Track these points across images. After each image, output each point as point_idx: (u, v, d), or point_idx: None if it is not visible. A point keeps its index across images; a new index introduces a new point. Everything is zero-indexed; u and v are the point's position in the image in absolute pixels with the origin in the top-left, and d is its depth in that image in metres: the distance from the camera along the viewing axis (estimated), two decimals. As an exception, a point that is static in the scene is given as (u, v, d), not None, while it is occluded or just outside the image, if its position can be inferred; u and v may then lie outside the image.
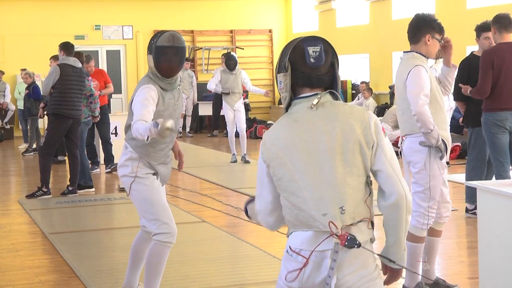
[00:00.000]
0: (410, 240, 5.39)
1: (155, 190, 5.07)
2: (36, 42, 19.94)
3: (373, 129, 2.95)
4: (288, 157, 2.94)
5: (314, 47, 3.01)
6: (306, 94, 3.01)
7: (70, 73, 10.28)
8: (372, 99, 17.67)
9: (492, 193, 4.92)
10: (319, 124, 2.95)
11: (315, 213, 2.87)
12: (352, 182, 2.90)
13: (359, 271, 2.91)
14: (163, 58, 4.94)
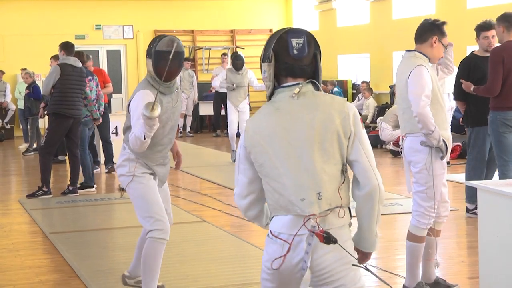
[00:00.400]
0: (411, 240, 5.40)
1: (151, 189, 5.19)
2: (36, 42, 19.94)
3: (352, 120, 3.07)
4: (270, 144, 3.07)
5: (298, 39, 3.11)
6: (289, 83, 3.13)
7: (70, 73, 10.27)
8: (372, 99, 17.66)
9: (493, 193, 4.92)
10: (300, 113, 3.07)
11: (294, 198, 3.02)
12: (329, 169, 3.04)
13: (334, 252, 3.04)
14: (162, 62, 4.99)
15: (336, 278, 3.06)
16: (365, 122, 17.25)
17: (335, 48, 19.75)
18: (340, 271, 3.06)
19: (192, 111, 19.72)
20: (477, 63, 8.01)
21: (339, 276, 3.06)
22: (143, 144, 4.91)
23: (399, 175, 12.08)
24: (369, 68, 18.91)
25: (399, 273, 6.15)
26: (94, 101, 10.92)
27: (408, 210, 8.91)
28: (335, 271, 3.05)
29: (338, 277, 3.06)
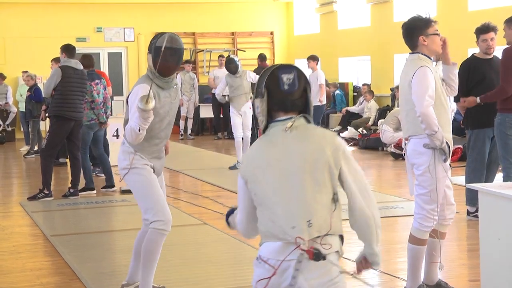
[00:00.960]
0: (413, 242, 5.39)
1: (152, 181, 5.37)
2: (37, 44, 19.95)
3: (341, 153, 3.25)
4: (263, 175, 3.23)
5: (288, 75, 3.26)
6: (281, 117, 3.28)
7: (71, 75, 10.28)
8: (373, 102, 17.66)
9: (494, 196, 4.91)
10: (292, 145, 3.23)
11: (285, 226, 3.15)
12: (320, 198, 3.18)
13: (321, 278, 3.15)
14: (161, 58, 5.18)
15: None
16: (366, 125, 17.25)
17: (336, 51, 19.75)
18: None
19: (193, 113, 19.72)
20: (477, 65, 8.01)
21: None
22: (138, 136, 5.10)
23: (400, 177, 12.08)
24: (370, 71, 18.91)
25: (400, 276, 6.15)
26: (101, 104, 10.87)
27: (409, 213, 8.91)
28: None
29: None
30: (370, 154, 15.25)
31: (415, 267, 5.42)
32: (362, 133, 16.63)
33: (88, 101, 10.68)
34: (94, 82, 10.74)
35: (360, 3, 18.95)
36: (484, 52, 8.01)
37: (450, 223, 5.54)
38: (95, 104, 10.75)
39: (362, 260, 3.38)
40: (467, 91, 8.01)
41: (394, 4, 17.71)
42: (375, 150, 15.59)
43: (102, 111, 10.85)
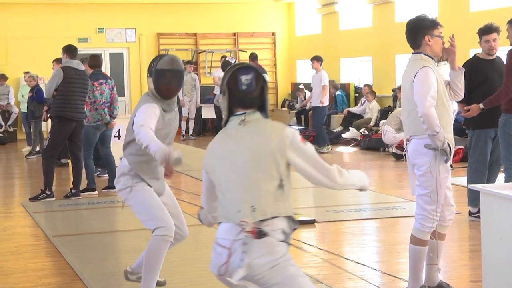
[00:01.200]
0: (414, 243, 5.39)
1: (148, 193, 5.31)
2: (39, 45, 19.97)
3: (289, 142, 3.62)
4: (219, 165, 3.69)
5: (247, 76, 3.67)
6: (238, 112, 3.70)
7: (73, 76, 10.29)
8: (375, 102, 17.66)
9: (496, 196, 4.91)
10: (243, 138, 3.65)
11: (232, 210, 3.61)
12: (265, 186, 3.59)
13: (265, 256, 3.56)
14: (162, 80, 5.17)
15: (268, 280, 3.57)
16: (368, 126, 17.25)
17: (337, 51, 19.75)
18: (269, 273, 3.56)
19: (195, 114, 19.72)
20: (479, 66, 8.01)
21: (270, 277, 3.57)
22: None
23: (402, 178, 12.08)
24: (372, 71, 18.90)
25: (402, 277, 6.15)
26: (102, 104, 10.78)
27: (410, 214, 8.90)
28: (266, 273, 3.56)
29: (270, 278, 3.57)
30: (372, 154, 15.25)
31: (416, 268, 5.42)
32: (364, 133, 16.63)
33: (91, 101, 10.65)
34: (98, 82, 10.72)
35: (362, 3, 18.95)
36: (487, 53, 8.01)
37: (449, 224, 5.54)
38: (97, 104, 10.72)
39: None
40: (469, 91, 8.00)
41: (396, 4, 17.71)
42: (376, 151, 15.59)
43: (104, 111, 10.78)
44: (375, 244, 7.82)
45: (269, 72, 22.19)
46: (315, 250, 7.30)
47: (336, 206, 9.57)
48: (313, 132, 17.65)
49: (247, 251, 3.54)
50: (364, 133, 16.71)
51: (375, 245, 7.74)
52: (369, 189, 3.49)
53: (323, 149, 15.73)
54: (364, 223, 8.65)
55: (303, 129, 18.42)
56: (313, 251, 7.29)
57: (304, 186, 11.92)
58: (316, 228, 8.35)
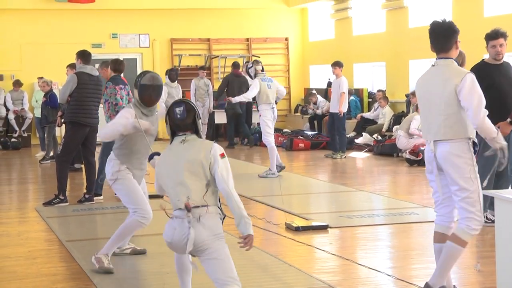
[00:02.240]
0: (455, 241, 5.38)
1: (136, 188, 6.80)
2: (53, 51, 20.04)
3: (211, 154, 4.95)
4: (164, 170, 5.08)
5: (179, 108, 5.06)
6: (179, 134, 5.10)
7: (87, 81, 10.32)
8: (388, 108, 17.62)
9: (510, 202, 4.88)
10: (182, 152, 5.02)
11: (174, 200, 4.99)
12: (195, 184, 4.93)
13: (207, 231, 4.87)
14: (144, 92, 6.66)
15: (207, 247, 4.85)
16: (381, 131, 17.21)
17: (351, 57, 19.72)
18: (209, 242, 4.85)
19: (208, 119, 19.71)
20: (486, 71, 7.97)
21: (209, 245, 4.85)
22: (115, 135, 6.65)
23: (415, 183, 12.04)
24: (385, 77, 18.86)
25: (415, 283, 6.13)
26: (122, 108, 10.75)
27: (424, 219, 8.88)
28: (205, 242, 4.84)
29: (209, 245, 4.85)
30: (385, 160, 15.21)
31: (447, 266, 5.43)
32: (377, 139, 16.59)
33: (112, 104, 10.64)
34: (118, 87, 10.73)
35: (375, 9, 18.92)
36: (493, 57, 7.98)
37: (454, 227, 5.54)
38: (119, 107, 10.69)
39: (241, 236, 4.95)
40: None
41: (409, 10, 17.66)
42: (390, 156, 15.55)
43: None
44: (389, 249, 7.80)
45: (282, 78, 22.20)
46: (328, 255, 7.29)
47: (349, 211, 9.55)
48: (327, 137, 17.64)
49: (192, 226, 4.83)
50: (377, 138, 16.67)
51: (389, 251, 7.72)
52: (247, 232, 4.94)
53: (336, 155, 15.66)
54: (377, 229, 8.63)
55: (316, 135, 18.41)
56: (327, 256, 7.27)
57: (317, 191, 11.95)
58: (330, 233, 8.33)
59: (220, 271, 4.86)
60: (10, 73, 20.18)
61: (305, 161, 15.82)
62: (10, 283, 6.56)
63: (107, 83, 10.71)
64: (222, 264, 4.86)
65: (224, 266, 4.86)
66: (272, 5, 21.86)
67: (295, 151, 17.32)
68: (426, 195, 10.56)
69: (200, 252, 4.90)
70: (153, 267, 6.89)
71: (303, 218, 8.93)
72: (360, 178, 13.34)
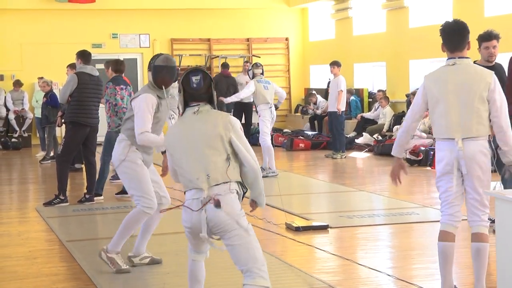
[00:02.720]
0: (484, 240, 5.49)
1: (144, 174, 6.56)
2: (53, 51, 20.04)
3: (231, 128, 4.67)
4: (178, 145, 4.75)
5: (196, 76, 4.76)
6: (192, 105, 4.79)
7: (87, 82, 10.32)
8: (389, 108, 17.62)
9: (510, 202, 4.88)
10: (196, 123, 4.73)
11: (192, 178, 4.68)
12: (215, 159, 4.64)
13: (226, 211, 4.59)
14: (159, 74, 6.47)
15: (227, 229, 4.59)
16: (382, 131, 17.20)
17: (351, 57, 19.72)
18: (230, 223, 4.59)
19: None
20: None
21: (231, 226, 4.59)
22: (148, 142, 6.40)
23: (416, 183, 12.03)
24: (386, 77, 18.86)
25: (416, 283, 6.13)
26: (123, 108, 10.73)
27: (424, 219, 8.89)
28: (226, 224, 4.59)
29: (229, 228, 4.59)
30: (385, 160, 15.20)
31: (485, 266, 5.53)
32: (377, 139, 16.59)
33: (112, 105, 10.65)
34: (119, 87, 10.74)
35: (376, 9, 18.92)
36: (486, 59, 7.96)
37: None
38: (118, 107, 10.69)
39: (251, 202, 4.88)
40: None
41: (410, 10, 17.66)
42: (390, 156, 15.50)
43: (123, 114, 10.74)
44: (389, 250, 7.80)
45: (283, 78, 22.21)
46: (328, 255, 7.29)
47: (349, 211, 9.55)
48: (327, 137, 17.64)
49: (211, 212, 4.59)
50: (377, 138, 16.67)
51: (389, 251, 7.72)
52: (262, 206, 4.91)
53: (336, 155, 15.67)
54: (377, 229, 8.63)
55: (316, 135, 18.41)
56: (327, 256, 7.27)
57: (317, 191, 11.94)
58: (330, 233, 8.34)
59: (242, 259, 4.60)
60: (10, 73, 20.19)
61: (305, 161, 15.83)
62: (11, 283, 6.56)
63: (108, 83, 10.73)
64: (244, 251, 4.59)
65: (246, 254, 4.59)
66: (273, 5, 21.85)
67: (295, 151, 17.32)
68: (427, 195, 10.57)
69: (221, 234, 4.64)
70: (153, 267, 6.89)
71: (303, 218, 8.94)
72: (360, 178, 13.34)
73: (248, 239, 4.62)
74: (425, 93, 5.53)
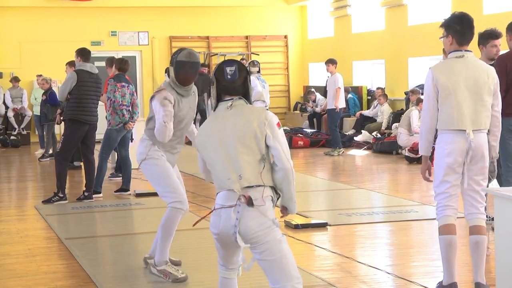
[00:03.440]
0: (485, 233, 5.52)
1: (167, 169, 6.24)
2: (52, 48, 20.04)
3: (267, 124, 4.26)
4: (209, 142, 4.34)
5: (231, 67, 4.35)
6: (226, 99, 4.37)
7: (86, 79, 10.32)
8: (387, 105, 17.63)
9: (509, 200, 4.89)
10: (229, 119, 4.30)
11: (223, 178, 4.25)
12: (248, 158, 4.22)
13: (257, 219, 4.16)
14: (181, 70, 6.14)
15: (258, 241, 4.15)
16: (380, 129, 17.21)
17: (350, 54, 19.73)
18: (262, 234, 4.15)
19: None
20: None
21: (262, 238, 4.15)
22: (165, 130, 6.05)
23: (415, 181, 12.04)
24: (384, 74, 18.87)
25: (415, 281, 6.14)
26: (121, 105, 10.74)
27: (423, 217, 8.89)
28: (257, 234, 4.15)
29: (260, 239, 4.15)
30: (384, 158, 15.22)
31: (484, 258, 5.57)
32: (376, 137, 16.60)
33: (111, 101, 10.66)
34: (120, 84, 10.74)
35: (375, 6, 18.92)
36: (490, 57, 7.95)
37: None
38: (116, 104, 10.70)
39: (282, 208, 4.42)
40: None
41: (409, 7, 17.66)
42: (389, 154, 15.55)
43: (122, 112, 10.74)
44: (388, 247, 7.80)
45: (282, 75, 22.21)
46: (327, 253, 7.30)
47: (348, 209, 9.55)
48: (326, 135, 17.66)
49: (241, 216, 4.16)
50: (376, 136, 16.67)
51: (388, 249, 7.73)
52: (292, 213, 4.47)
53: (334, 152, 15.69)
54: (376, 227, 8.63)
55: (315, 132, 18.41)
56: (326, 254, 7.28)
57: (316, 189, 11.95)
58: (329, 231, 8.34)
59: (276, 276, 4.18)
60: (9, 71, 20.19)
61: (304, 159, 15.83)
62: (10, 280, 6.56)
63: (110, 80, 10.76)
64: (278, 268, 4.17)
65: (280, 271, 4.17)
66: (271, 3, 21.86)
67: (294, 148, 17.32)
68: (426, 193, 10.57)
69: (252, 244, 4.18)
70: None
71: (302, 216, 8.94)
72: (359, 176, 13.35)
73: (282, 253, 4.18)
74: (434, 84, 5.48)
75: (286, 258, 4.17)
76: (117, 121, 10.74)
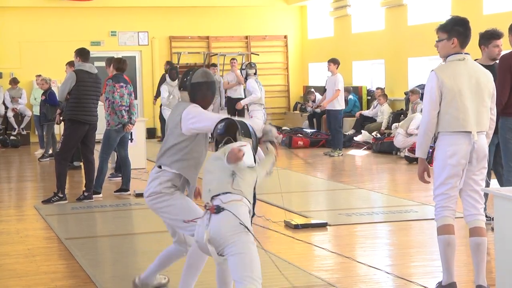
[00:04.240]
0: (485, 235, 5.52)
1: (186, 200, 5.39)
2: (52, 48, 20.04)
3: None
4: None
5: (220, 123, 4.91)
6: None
7: (86, 79, 10.32)
8: (387, 105, 17.62)
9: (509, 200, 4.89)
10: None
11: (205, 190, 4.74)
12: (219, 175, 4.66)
13: (229, 223, 4.46)
14: (199, 93, 5.36)
15: (228, 243, 4.41)
16: (380, 130, 17.21)
17: (350, 54, 19.72)
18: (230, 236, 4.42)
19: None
20: None
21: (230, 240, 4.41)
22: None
23: (414, 181, 12.02)
24: (384, 75, 18.87)
25: (415, 280, 6.13)
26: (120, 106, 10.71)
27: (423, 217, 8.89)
28: (226, 236, 4.42)
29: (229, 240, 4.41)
30: (384, 158, 15.22)
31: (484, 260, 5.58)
32: (376, 137, 16.60)
33: (110, 102, 10.66)
34: (119, 85, 10.73)
35: (374, 6, 18.92)
36: (492, 58, 7.95)
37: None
38: (115, 105, 10.69)
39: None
40: None
41: (409, 7, 17.66)
42: (389, 154, 15.55)
43: (121, 113, 10.71)
44: (388, 247, 7.80)
45: (281, 75, 22.20)
46: (327, 253, 7.29)
47: (348, 209, 9.55)
48: (326, 135, 17.65)
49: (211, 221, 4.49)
50: (376, 136, 16.68)
51: (388, 249, 7.73)
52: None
53: (334, 153, 15.68)
54: (376, 227, 8.63)
55: (315, 132, 18.41)
56: (325, 254, 7.28)
57: (316, 189, 11.94)
58: (329, 231, 8.34)
59: (238, 268, 4.38)
60: (9, 71, 20.18)
61: (304, 159, 15.82)
62: (9, 280, 6.56)
63: (108, 81, 10.75)
64: (241, 260, 4.38)
65: (243, 263, 4.37)
66: (271, 3, 21.86)
67: (294, 148, 17.32)
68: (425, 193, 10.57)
69: (225, 250, 4.47)
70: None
71: (302, 216, 8.94)
72: (359, 176, 13.35)
73: (250, 252, 4.42)
74: (439, 87, 5.46)
75: (252, 258, 4.40)
76: (116, 121, 10.73)
